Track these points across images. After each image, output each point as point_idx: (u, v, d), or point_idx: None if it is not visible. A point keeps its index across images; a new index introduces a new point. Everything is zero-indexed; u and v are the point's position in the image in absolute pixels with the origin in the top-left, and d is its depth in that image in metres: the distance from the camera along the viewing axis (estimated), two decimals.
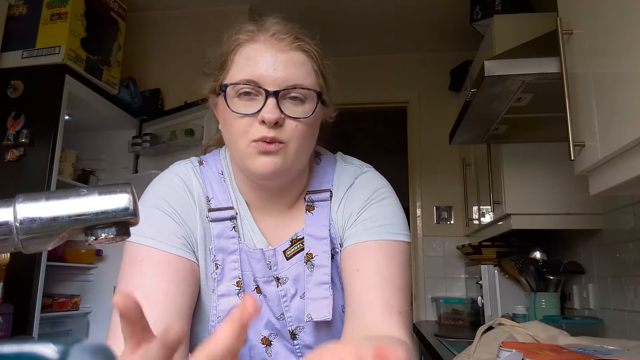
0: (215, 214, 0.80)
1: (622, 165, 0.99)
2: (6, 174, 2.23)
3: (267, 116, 0.70)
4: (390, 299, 0.73)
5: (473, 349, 1.23)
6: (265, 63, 0.73)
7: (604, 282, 1.83)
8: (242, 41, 0.76)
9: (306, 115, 0.74)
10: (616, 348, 1.04)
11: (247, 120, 0.73)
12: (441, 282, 3.24)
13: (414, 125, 3.46)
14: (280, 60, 0.73)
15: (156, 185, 0.81)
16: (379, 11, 3.04)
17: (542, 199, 1.96)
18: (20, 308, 2.04)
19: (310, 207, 0.83)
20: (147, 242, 0.73)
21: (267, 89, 0.72)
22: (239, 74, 0.74)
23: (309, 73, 0.76)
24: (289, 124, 0.73)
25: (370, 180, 0.84)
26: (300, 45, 0.76)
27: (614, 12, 1.01)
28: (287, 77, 0.73)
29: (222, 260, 0.78)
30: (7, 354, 0.24)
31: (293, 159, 0.75)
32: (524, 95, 1.52)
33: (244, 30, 0.77)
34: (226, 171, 0.85)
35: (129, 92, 2.84)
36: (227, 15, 3.09)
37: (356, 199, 0.82)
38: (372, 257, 0.76)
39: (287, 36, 0.75)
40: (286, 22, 0.78)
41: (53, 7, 2.36)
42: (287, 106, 0.73)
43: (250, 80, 0.73)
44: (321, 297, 0.77)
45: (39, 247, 0.39)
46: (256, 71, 0.73)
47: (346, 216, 0.81)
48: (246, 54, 0.75)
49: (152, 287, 0.70)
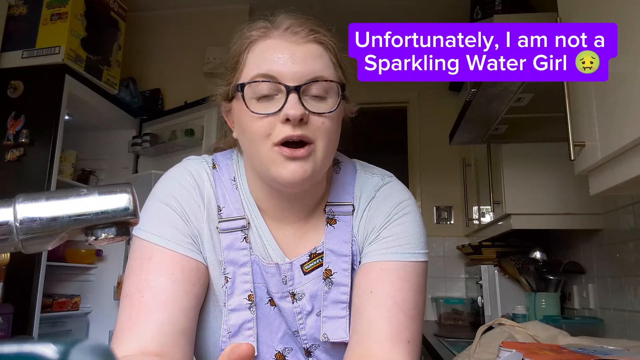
0: (225, 225, 0.76)
1: (622, 165, 0.99)
2: (6, 174, 2.23)
3: (292, 112, 0.66)
4: (400, 326, 0.70)
5: (473, 349, 1.23)
6: (281, 57, 0.69)
7: (604, 282, 1.83)
8: (254, 38, 0.72)
9: (331, 109, 0.70)
10: (616, 348, 1.04)
11: (268, 120, 0.68)
12: (441, 282, 3.24)
13: (414, 125, 3.46)
14: (297, 54, 0.69)
15: (167, 181, 0.78)
16: (379, 11, 3.05)
17: (542, 199, 1.96)
18: (20, 308, 2.04)
19: (331, 221, 0.79)
20: (155, 240, 0.72)
21: (287, 84, 0.67)
22: (254, 71, 0.70)
23: (328, 65, 0.72)
24: (314, 120, 0.69)
25: (392, 193, 0.81)
26: (316, 37, 0.72)
27: (613, 12, 1.01)
28: (306, 70, 0.68)
29: (233, 273, 0.74)
30: (7, 354, 0.24)
31: (322, 160, 0.71)
32: (524, 95, 1.52)
33: (255, 28, 0.73)
34: (238, 178, 0.80)
35: (129, 92, 2.84)
36: (227, 15, 3.09)
37: (378, 214, 0.78)
38: (387, 279, 0.72)
39: (302, 29, 0.71)
40: (299, 16, 0.74)
41: (53, 7, 2.36)
42: (310, 102, 0.69)
43: (267, 75, 0.69)
44: (337, 316, 0.74)
45: (39, 247, 0.39)
46: (273, 66, 0.68)
47: (367, 233, 0.78)
48: (260, 50, 0.71)
49: (159, 287, 0.69)
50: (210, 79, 1.01)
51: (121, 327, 0.68)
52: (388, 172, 0.86)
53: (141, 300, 0.68)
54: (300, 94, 0.68)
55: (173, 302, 0.69)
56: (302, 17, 0.74)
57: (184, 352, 0.68)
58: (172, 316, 0.68)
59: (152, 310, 0.68)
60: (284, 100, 0.67)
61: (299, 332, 0.75)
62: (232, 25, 0.78)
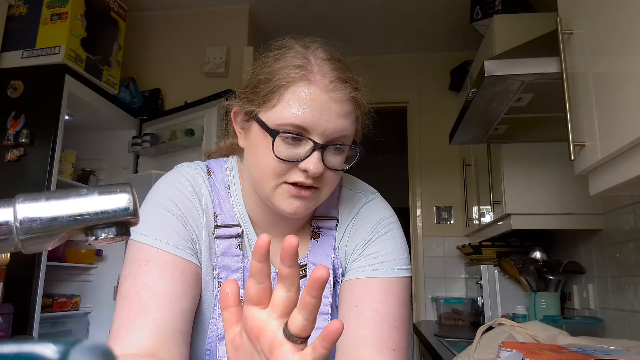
0: (221, 231, 0.78)
1: (622, 165, 0.99)
2: (6, 174, 2.23)
3: (312, 168, 0.69)
4: (384, 335, 0.72)
5: (473, 349, 1.23)
6: (318, 111, 0.69)
7: (604, 282, 1.83)
8: (295, 77, 0.71)
9: (343, 167, 0.75)
10: (616, 348, 1.04)
11: (287, 164, 0.71)
12: (441, 282, 3.24)
13: (414, 125, 3.46)
14: (335, 112, 0.70)
15: (164, 186, 0.79)
16: (379, 11, 3.05)
17: (542, 199, 1.96)
18: (20, 308, 2.04)
19: (315, 235, 0.82)
20: (155, 244, 0.73)
21: (316, 141, 0.70)
22: (288, 115, 0.70)
23: (353, 123, 0.74)
24: (327, 173, 0.73)
25: (374, 210, 0.84)
26: (355, 96, 0.73)
27: (613, 12, 1.01)
28: (336, 129, 0.70)
29: (225, 278, 0.76)
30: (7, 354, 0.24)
31: (322, 200, 0.76)
32: (524, 95, 1.52)
33: (296, 64, 0.72)
34: (232, 186, 0.82)
35: (129, 92, 2.84)
36: (227, 15, 3.10)
37: (361, 231, 0.81)
38: (370, 294, 0.75)
39: (346, 86, 0.71)
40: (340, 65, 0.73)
41: (53, 7, 2.36)
42: (328, 155, 0.72)
43: (300, 126, 0.70)
44: (318, 327, 0.74)
45: (39, 247, 0.39)
46: (307, 118, 0.69)
47: (350, 249, 0.81)
48: (299, 94, 0.70)
49: (158, 288, 0.70)
50: (211, 79, 1.00)
51: (118, 327, 0.68)
52: (372, 189, 0.89)
53: (140, 301, 0.69)
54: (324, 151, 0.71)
55: (172, 303, 0.70)
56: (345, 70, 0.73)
57: (181, 353, 0.69)
58: (170, 317, 0.69)
59: (150, 310, 0.68)
60: (309, 153, 0.70)
61: None
62: (232, 25, 0.78)
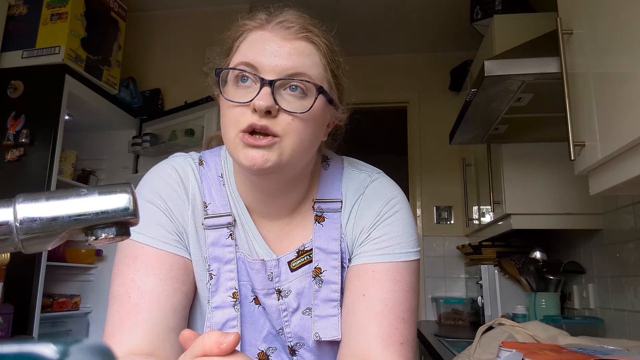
0: (211, 221, 0.75)
1: (622, 165, 0.99)
2: (6, 174, 2.23)
3: (258, 103, 0.65)
4: (392, 329, 0.70)
5: (473, 349, 1.23)
6: (267, 49, 0.68)
7: (604, 282, 1.83)
8: (249, 28, 0.72)
9: (303, 110, 0.68)
10: (616, 348, 1.04)
11: (240, 109, 0.68)
12: (441, 282, 3.24)
13: (414, 125, 3.46)
14: (284, 48, 0.69)
15: (150, 178, 0.78)
16: (379, 11, 3.05)
17: (542, 199, 1.96)
18: (20, 308, 2.04)
19: (319, 218, 0.78)
20: (140, 239, 0.71)
21: (263, 77, 0.67)
22: (239, 59, 0.70)
23: (316, 65, 0.70)
24: (283, 117, 0.67)
25: (381, 189, 0.79)
26: (307, 35, 0.71)
27: (613, 12, 1.01)
28: (287, 65, 0.68)
29: (217, 270, 0.74)
30: (7, 354, 0.24)
31: (290, 156, 0.68)
32: (524, 95, 1.52)
33: (253, 18, 0.73)
34: (226, 174, 0.80)
35: (129, 92, 2.84)
36: (227, 15, 3.09)
37: (367, 213, 0.77)
38: (379, 282, 0.73)
39: (295, 24, 0.70)
40: (300, 12, 0.73)
41: (53, 7, 2.36)
42: (286, 98, 0.68)
43: (247, 63, 0.68)
44: (329, 315, 0.74)
45: (39, 247, 0.38)
46: (256, 57, 0.68)
47: (357, 232, 0.77)
48: (250, 40, 0.71)
49: (146, 286, 0.68)
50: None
51: (111, 328, 0.68)
52: (377, 169, 0.84)
53: (129, 300, 0.68)
54: (274, 87, 0.67)
55: (162, 301, 0.68)
56: (300, 14, 0.73)
57: (176, 351, 0.68)
58: (162, 315, 0.68)
59: (141, 310, 0.67)
60: (258, 90, 0.67)
61: (284, 329, 0.75)
62: (232, 25, 0.78)
